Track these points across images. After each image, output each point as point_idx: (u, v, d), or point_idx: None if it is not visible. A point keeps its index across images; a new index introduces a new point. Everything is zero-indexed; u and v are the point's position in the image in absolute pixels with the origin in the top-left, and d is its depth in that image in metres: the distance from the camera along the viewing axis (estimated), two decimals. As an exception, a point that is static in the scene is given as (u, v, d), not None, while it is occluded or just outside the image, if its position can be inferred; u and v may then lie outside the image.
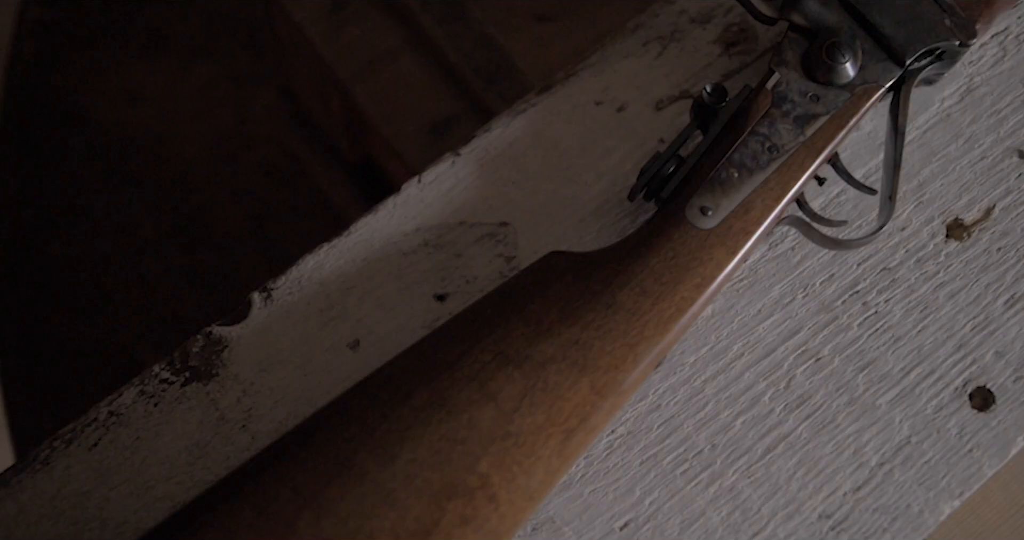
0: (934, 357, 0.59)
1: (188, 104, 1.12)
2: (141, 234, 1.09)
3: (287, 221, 1.07)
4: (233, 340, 0.59)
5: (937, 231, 0.62)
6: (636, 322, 0.53)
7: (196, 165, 1.10)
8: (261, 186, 1.09)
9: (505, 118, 0.64)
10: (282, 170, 1.08)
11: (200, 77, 1.13)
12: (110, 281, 1.08)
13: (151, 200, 1.10)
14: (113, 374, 1.05)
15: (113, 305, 1.07)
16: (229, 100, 1.11)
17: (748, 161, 0.56)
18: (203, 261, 1.08)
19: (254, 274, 1.05)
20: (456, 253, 0.61)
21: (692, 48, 0.66)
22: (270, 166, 1.09)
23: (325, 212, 1.05)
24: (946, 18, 0.59)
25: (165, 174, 1.11)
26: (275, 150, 1.08)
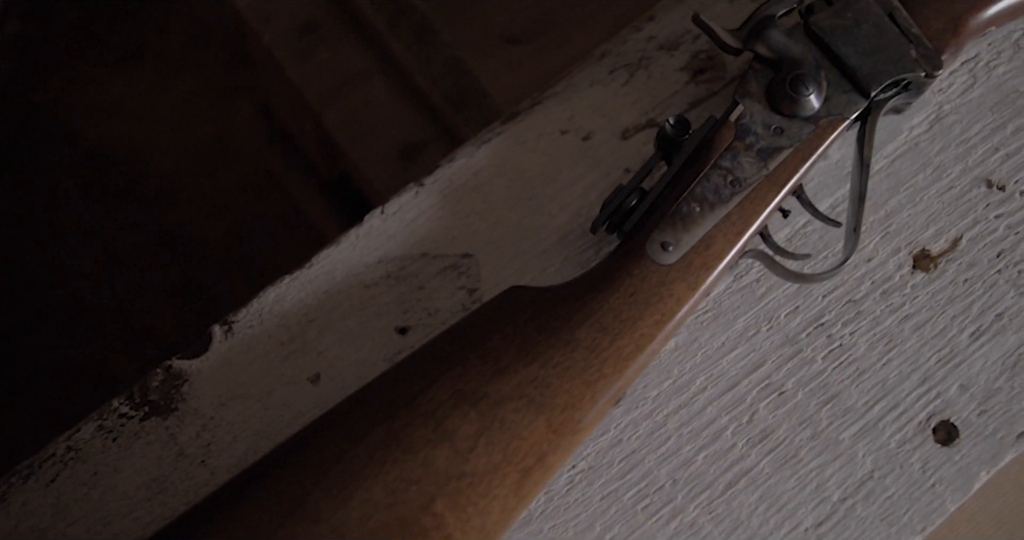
0: (898, 391, 0.59)
1: (167, 118, 1.11)
2: (119, 249, 1.09)
3: (265, 236, 1.07)
4: (193, 374, 0.58)
5: (904, 262, 0.61)
6: (595, 359, 0.53)
7: (175, 180, 1.09)
8: (239, 201, 1.08)
9: (470, 147, 0.63)
10: (260, 185, 1.08)
11: (179, 91, 1.13)
12: (88, 297, 1.08)
13: (130, 215, 1.10)
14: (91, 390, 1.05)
15: (91, 321, 1.07)
16: (208, 114, 1.11)
17: (710, 195, 0.56)
18: (182, 276, 1.07)
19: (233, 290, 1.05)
20: (418, 285, 0.60)
21: (659, 75, 0.65)
22: (248, 181, 1.09)
23: (303, 227, 1.05)
24: (912, 49, 0.59)
25: (144, 189, 1.10)
26: (253, 165, 1.08)
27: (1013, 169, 0.63)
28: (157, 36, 1.14)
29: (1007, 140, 0.64)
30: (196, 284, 1.06)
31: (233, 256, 1.07)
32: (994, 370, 0.59)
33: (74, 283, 1.07)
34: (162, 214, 1.09)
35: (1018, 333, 0.60)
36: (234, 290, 1.04)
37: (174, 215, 1.09)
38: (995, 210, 0.63)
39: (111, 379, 1.04)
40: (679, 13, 0.67)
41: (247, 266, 1.08)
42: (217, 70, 1.09)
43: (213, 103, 1.11)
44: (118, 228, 1.09)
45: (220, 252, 1.07)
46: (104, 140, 1.10)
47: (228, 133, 1.10)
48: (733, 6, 0.67)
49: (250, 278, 1.06)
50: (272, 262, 1.04)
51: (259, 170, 1.07)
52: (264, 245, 1.08)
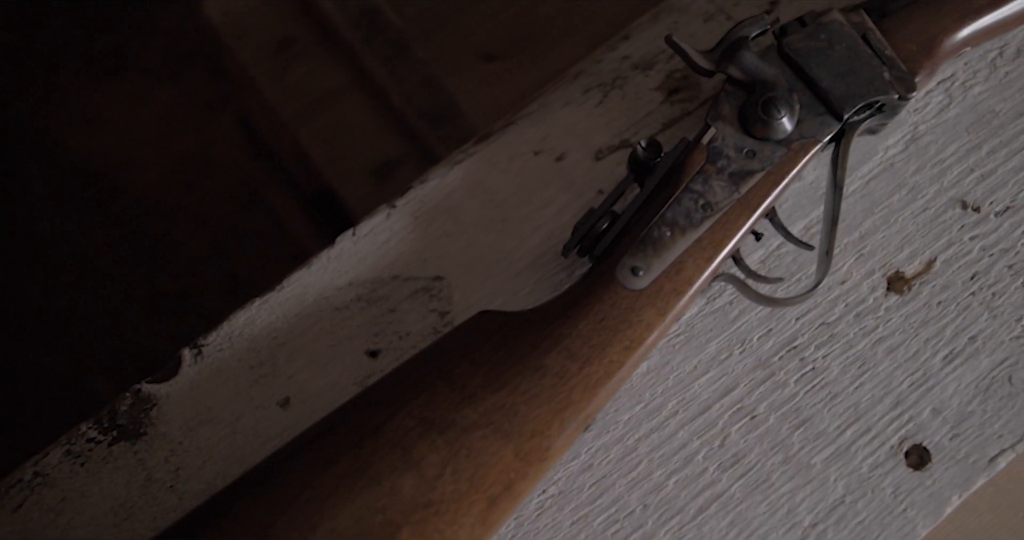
0: (871, 414, 0.59)
1: (148, 130, 1.11)
2: (100, 262, 1.09)
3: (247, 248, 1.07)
4: (162, 398, 0.58)
5: (877, 284, 0.61)
6: (563, 386, 0.53)
7: (156, 191, 1.09)
8: (221, 213, 1.08)
9: (442, 168, 0.63)
10: (241, 197, 1.08)
11: (160, 102, 1.13)
12: (69, 310, 1.07)
13: (110, 227, 1.10)
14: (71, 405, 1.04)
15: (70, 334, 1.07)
16: (189, 126, 1.11)
17: (681, 219, 0.56)
18: (163, 289, 1.07)
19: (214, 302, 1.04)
20: (389, 308, 0.60)
21: (634, 95, 0.65)
22: (229, 193, 1.08)
23: (285, 240, 1.05)
24: (886, 71, 0.59)
25: (125, 201, 1.10)
26: (235, 177, 1.08)
27: (988, 190, 0.63)
28: (138, 47, 1.14)
29: (982, 161, 0.64)
30: (176, 297, 1.06)
31: (214, 269, 1.07)
32: (967, 393, 0.59)
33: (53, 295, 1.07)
34: (142, 226, 1.09)
35: (991, 356, 0.60)
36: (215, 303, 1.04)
37: (155, 227, 1.09)
38: (970, 232, 0.62)
39: (89, 392, 1.04)
40: (654, 32, 0.67)
41: (228, 279, 1.07)
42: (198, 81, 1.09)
43: (194, 115, 1.11)
44: (98, 240, 1.08)
45: (201, 265, 1.07)
46: (84, 151, 1.10)
47: (209, 145, 1.10)
48: (708, 25, 0.67)
49: (231, 291, 1.06)
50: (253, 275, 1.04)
51: (240, 182, 1.07)
52: (245, 258, 1.07)
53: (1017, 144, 0.64)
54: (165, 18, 1.11)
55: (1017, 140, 0.64)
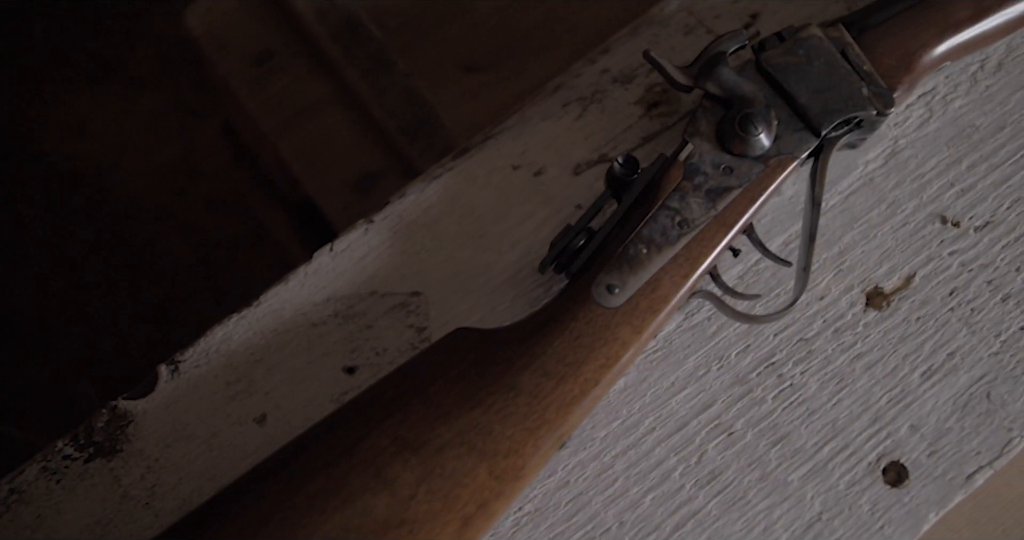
0: (848, 431, 0.59)
1: (134, 136, 1.11)
2: (85, 269, 1.09)
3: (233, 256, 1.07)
4: (138, 414, 0.59)
5: (856, 300, 0.62)
6: (537, 405, 0.53)
7: (141, 199, 1.09)
8: (206, 220, 1.08)
9: (420, 183, 0.63)
10: (227, 204, 1.08)
11: (146, 109, 1.13)
12: (53, 317, 1.07)
13: (95, 234, 1.10)
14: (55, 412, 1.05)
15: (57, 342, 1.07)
16: (175, 133, 1.11)
17: (657, 236, 0.56)
18: (148, 296, 1.07)
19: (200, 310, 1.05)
20: (367, 324, 0.60)
21: (613, 109, 0.65)
22: (215, 200, 1.08)
23: (271, 247, 1.05)
24: (864, 87, 0.59)
25: (110, 208, 1.10)
26: (220, 184, 1.08)
27: (968, 205, 0.63)
28: (124, 55, 1.14)
29: (962, 175, 0.64)
30: (162, 304, 1.06)
31: (200, 276, 1.07)
32: (945, 410, 0.60)
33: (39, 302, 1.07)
34: (128, 233, 1.09)
35: (970, 372, 0.60)
36: (200, 311, 1.04)
37: (140, 234, 1.09)
38: (949, 247, 0.63)
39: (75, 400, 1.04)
40: (634, 45, 0.67)
41: (214, 286, 1.08)
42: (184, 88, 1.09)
43: (180, 121, 1.11)
44: (83, 247, 1.09)
45: (187, 272, 1.07)
46: (70, 158, 1.10)
47: (195, 152, 1.10)
48: (688, 38, 0.67)
49: (216, 299, 1.06)
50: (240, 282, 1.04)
51: (225, 190, 1.07)
52: (231, 265, 1.08)
53: (997, 158, 0.64)
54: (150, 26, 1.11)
55: (997, 154, 0.64)
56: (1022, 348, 0.61)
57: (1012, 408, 0.60)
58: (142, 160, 1.11)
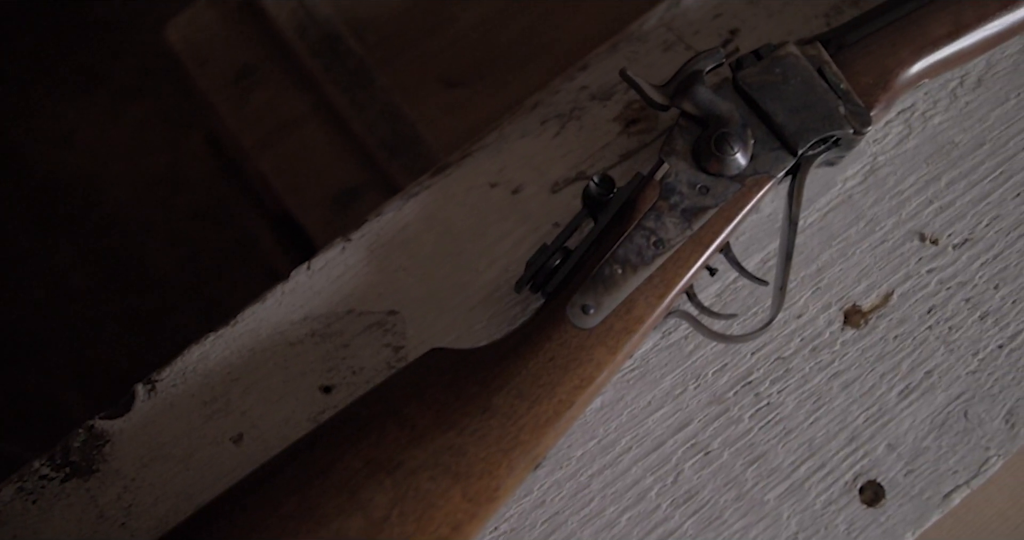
0: (825, 450, 0.59)
1: (120, 147, 1.11)
2: (71, 279, 1.09)
3: (218, 266, 1.07)
4: (115, 434, 0.59)
5: (834, 318, 0.62)
6: (511, 427, 0.53)
7: (127, 209, 1.10)
8: (192, 230, 1.08)
9: (398, 201, 0.63)
10: (212, 214, 1.08)
11: (132, 120, 1.13)
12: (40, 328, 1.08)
13: (81, 244, 1.10)
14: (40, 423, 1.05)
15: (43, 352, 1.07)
16: (160, 143, 1.11)
17: (633, 257, 0.56)
18: (134, 306, 1.08)
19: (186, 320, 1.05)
20: (343, 343, 0.61)
21: (591, 126, 0.65)
22: (201, 210, 1.09)
23: (256, 257, 1.05)
24: (841, 105, 0.59)
25: (96, 218, 1.10)
26: (206, 194, 1.08)
27: (946, 222, 0.63)
28: (110, 65, 1.14)
29: (941, 192, 0.64)
30: (148, 314, 1.07)
31: (186, 286, 1.07)
32: (922, 429, 0.60)
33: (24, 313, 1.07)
34: (114, 243, 1.09)
35: (947, 391, 0.60)
36: (187, 320, 1.04)
37: (126, 244, 1.09)
38: (927, 264, 0.63)
39: (62, 410, 1.05)
40: (613, 62, 0.67)
41: (200, 296, 1.08)
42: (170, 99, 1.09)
43: (166, 132, 1.11)
44: (69, 257, 1.09)
45: (173, 282, 1.08)
46: (56, 169, 1.10)
47: (181, 162, 1.10)
48: (667, 55, 0.67)
49: (203, 308, 1.06)
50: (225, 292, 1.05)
51: (212, 200, 1.07)
52: (217, 275, 1.08)
53: (976, 176, 0.64)
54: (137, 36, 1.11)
55: (976, 171, 0.64)
56: (1000, 366, 0.61)
57: (989, 427, 0.60)
58: (128, 170, 1.11)
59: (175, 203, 1.08)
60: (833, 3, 0.69)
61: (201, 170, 1.07)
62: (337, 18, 0.76)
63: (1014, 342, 0.61)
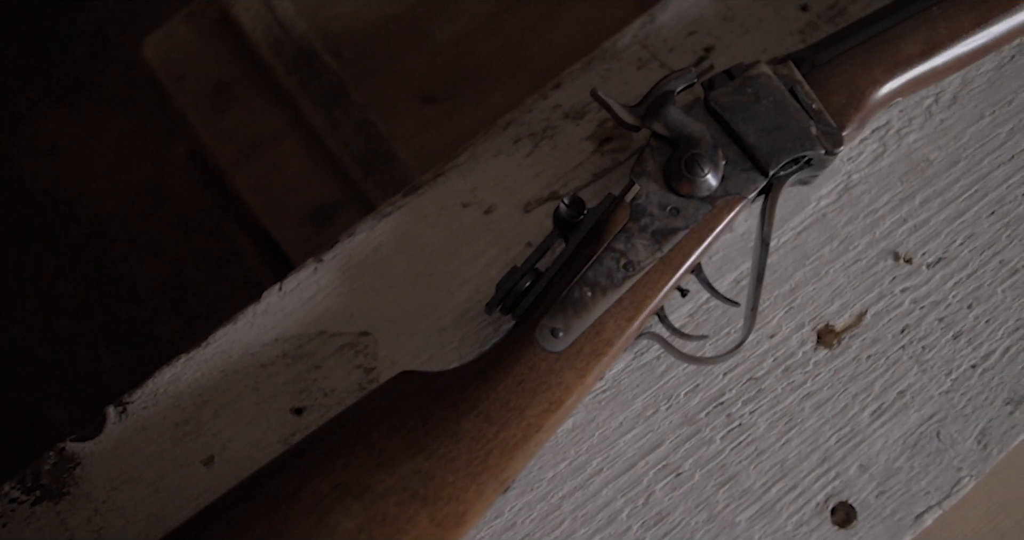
0: (797, 471, 0.59)
1: (104, 157, 1.12)
2: (56, 290, 1.09)
3: (203, 278, 1.08)
4: (86, 457, 0.59)
5: (807, 338, 0.62)
6: (480, 451, 0.53)
7: (112, 220, 1.10)
8: (177, 242, 1.09)
9: (370, 221, 0.64)
10: (197, 227, 1.08)
11: (116, 131, 1.13)
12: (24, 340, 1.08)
13: (66, 257, 1.10)
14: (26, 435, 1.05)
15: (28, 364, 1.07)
16: (145, 154, 1.11)
17: (602, 279, 0.56)
18: (119, 318, 1.08)
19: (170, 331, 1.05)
20: (315, 364, 0.61)
21: (565, 145, 0.66)
22: (185, 222, 1.09)
23: (240, 270, 1.05)
24: (813, 126, 0.59)
25: (80, 229, 1.11)
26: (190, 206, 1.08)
27: (920, 241, 0.64)
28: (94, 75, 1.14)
29: (915, 211, 0.64)
30: (133, 327, 1.07)
31: (171, 298, 1.07)
32: (894, 449, 0.60)
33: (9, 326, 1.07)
34: (99, 255, 1.09)
35: (920, 411, 0.61)
36: (171, 333, 1.05)
37: (111, 257, 1.09)
38: (901, 284, 0.63)
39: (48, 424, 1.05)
40: (586, 80, 0.67)
41: (185, 308, 1.08)
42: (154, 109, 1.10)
43: (150, 143, 1.11)
44: (54, 270, 1.09)
45: (157, 294, 1.08)
46: (40, 180, 1.11)
47: (165, 173, 1.11)
48: (641, 73, 0.67)
49: (187, 320, 1.06)
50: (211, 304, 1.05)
51: (197, 211, 1.08)
52: (202, 287, 1.08)
53: (951, 194, 0.65)
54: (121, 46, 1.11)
55: (951, 189, 0.65)
56: (972, 386, 0.61)
57: (962, 447, 0.60)
58: (113, 181, 1.11)
59: (160, 214, 1.09)
60: (808, 20, 0.69)
61: (186, 181, 1.07)
62: (313, 34, 0.77)
63: (987, 362, 0.62)
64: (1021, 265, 0.63)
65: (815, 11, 0.69)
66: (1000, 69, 0.67)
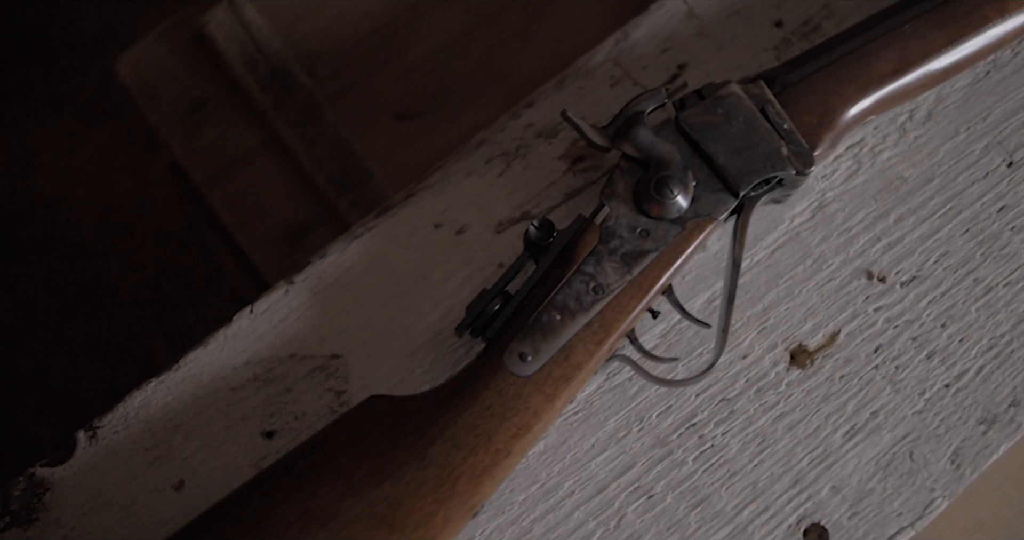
0: (769, 493, 0.60)
1: (85, 170, 1.12)
2: (37, 304, 1.09)
3: (185, 291, 1.08)
4: (56, 482, 0.59)
5: (780, 358, 0.62)
6: (447, 477, 0.53)
7: (93, 233, 1.10)
8: (158, 255, 1.09)
9: (342, 242, 0.64)
10: (179, 239, 1.08)
11: (97, 143, 1.13)
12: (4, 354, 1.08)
13: (47, 270, 1.10)
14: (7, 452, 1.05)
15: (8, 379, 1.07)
16: (125, 167, 1.11)
17: (571, 302, 0.56)
18: (100, 332, 1.08)
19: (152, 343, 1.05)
20: (286, 387, 0.61)
21: (537, 164, 0.66)
22: (167, 235, 1.09)
23: (223, 283, 1.05)
24: (784, 146, 0.59)
25: (61, 242, 1.11)
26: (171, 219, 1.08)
27: (895, 259, 0.64)
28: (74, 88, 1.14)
29: (889, 229, 0.64)
30: (114, 341, 1.07)
31: (152, 312, 1.07)
32: (867, 470, 0.60)
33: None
34: (80, 268, 1.10)
35: (893, 431, 0.61)
36: (153, 347, 1.05)
37: (92, 269, 1.10)
38: (875, 303, 0.63)
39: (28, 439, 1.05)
40: (559, 99, 0.67)
41: (167, 322, 1.08)
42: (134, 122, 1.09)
43: (131, 156, 1.11)
44: (35, 283, 1.09)
45: (139, 308, 1.08)
46: (21, 193, 1.11)
47: (147, 186, 1.11)
48: (614, 90, 0.67)
49: (169, 334, 1.07)
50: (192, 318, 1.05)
51: (178, 224, 1.08)
52: (184, 300, 1.08)
53: (925, 211, 0.65)
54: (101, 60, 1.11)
55: (925, 207, 0.65)
56: (946, 406, 0.61)
57: (935, 468, 0.60)
58: (93, 194, 1.11)
59: (141, 227, 1.09)
60: (783, 36, 0.69)
61: (168, 193, 1.07)
62: (287, 51, 0.77)
63: (960, 381, 0.62)
64: (995, 283, 0.63)
65: (789, 27, 0.69)
66: (975, 85, 0.67)
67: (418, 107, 0.76)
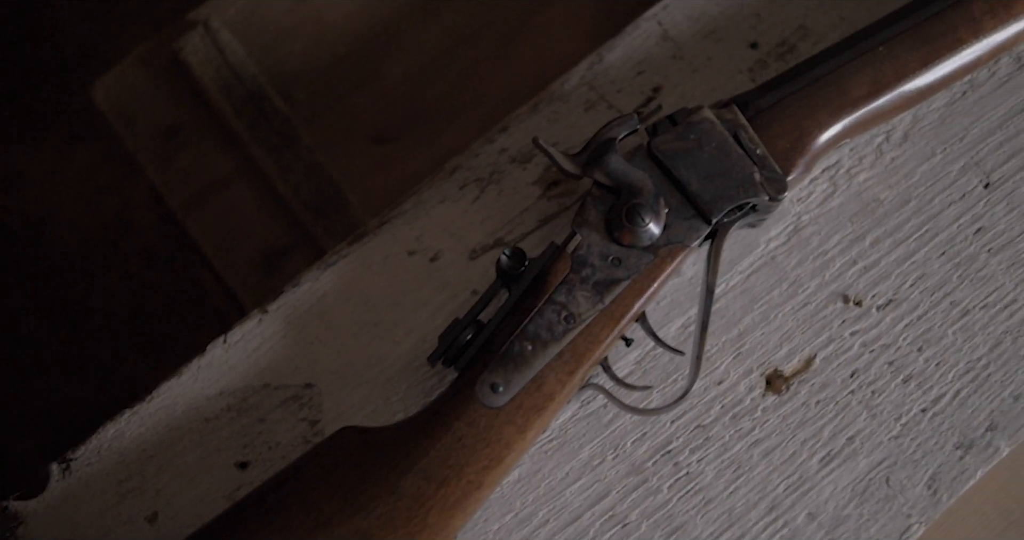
0: (744, 520, 0.60)
1: (70, 189, 1.12)
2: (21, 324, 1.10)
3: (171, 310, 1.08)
4: (29, 515, 0.59)
5: (755, 384, 0.62)
6: (419, 509, 0.53)
7: (77, 252, 1.10)
8: (143, 275, 1.09)
9: (315, 271, 0.64)
10: (164, 259, 1.08)
11: (82, 161, 1.13)
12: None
13: (30, 289, 1.10)
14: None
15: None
16: (110, 185, 1.12)
17: (543, 332, 0.56)
18: (84, 352, 1.08)
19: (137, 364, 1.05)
20: (259, 418, 0.61)
21: (511, 190, 0.66)
22: (152, 255, 1.09)
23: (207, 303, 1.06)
24: (756, 172, 0.59)
25: (45, 262, 1.11)
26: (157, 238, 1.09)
27: (870, 283, 0.64)
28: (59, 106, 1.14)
29: (865, 252, 0.64)
30: (98, 361, 1.07)
31: (137, 332, 1.07)
32: (843, 496, 0.60)
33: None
34: (64, 288, 1.10)
35: (869, 457, 0.61)
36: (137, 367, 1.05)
37: (77, 289, 1.10)
38: (851, 327, 0.63)
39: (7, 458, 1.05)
40: (533, 123, 0.67)
41: (151, 342, 1.08)
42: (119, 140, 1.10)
43: (115, 175, 1.11)
44: (19, 302, 1.09)
45: (123, 328, 1.08)
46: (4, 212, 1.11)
47: (131, 205, 1.11)
48: (589, 114, 0.67)
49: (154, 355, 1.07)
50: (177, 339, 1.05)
51: (163, 243, 1.08)
52: (169, 321, 1.08)
53: (901, 234, 0.64)
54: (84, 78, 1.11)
55: (902, 229, 0.65)
56: (922, 431, 0.61)
57: (911, 493, 0.60)
58: (78, 214, 1.11)
59: (126, 247, 1.09)
60: (758, 58, 0.69)
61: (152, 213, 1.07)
62: (263, 76, 0.77)
63: (937, 406, 0.62)
64: (972, 306, 0.63)
65: (764, 49, 0.69)
66: (951, 105, 0.67)
67: (394, 130, 0.76)
